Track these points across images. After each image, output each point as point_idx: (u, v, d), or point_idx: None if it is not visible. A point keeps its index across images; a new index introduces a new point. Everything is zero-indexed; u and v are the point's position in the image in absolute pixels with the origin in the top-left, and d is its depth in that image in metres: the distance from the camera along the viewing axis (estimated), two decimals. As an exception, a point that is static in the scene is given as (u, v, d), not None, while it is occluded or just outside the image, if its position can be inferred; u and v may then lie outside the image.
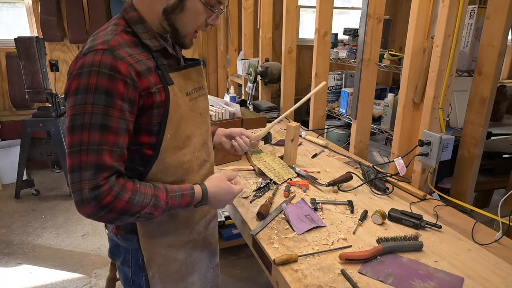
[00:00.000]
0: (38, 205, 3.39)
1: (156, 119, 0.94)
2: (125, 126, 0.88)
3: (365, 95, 2.03)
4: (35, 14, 3.82)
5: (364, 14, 1.90)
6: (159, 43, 0.96)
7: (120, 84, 0.84)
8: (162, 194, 0.93)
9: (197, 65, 1.08)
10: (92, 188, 0.83)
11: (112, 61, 0.84)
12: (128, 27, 0.93)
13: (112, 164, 0.85)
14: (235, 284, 2.40)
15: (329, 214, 1.34)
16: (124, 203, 0.86)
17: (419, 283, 0.99)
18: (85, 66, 0.83)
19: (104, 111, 0.83)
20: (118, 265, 1.13)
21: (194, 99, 1.05)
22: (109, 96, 0.83)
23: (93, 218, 0.87)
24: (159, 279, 1.08)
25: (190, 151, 1.03)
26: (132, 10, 0.95)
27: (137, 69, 0.88)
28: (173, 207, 0.96)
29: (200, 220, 1.14)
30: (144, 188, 0.91)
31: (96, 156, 0.83)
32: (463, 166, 1.75)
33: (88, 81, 0.82)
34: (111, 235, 1.10)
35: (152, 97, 0.91)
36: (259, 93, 3.20)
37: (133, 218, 0.90)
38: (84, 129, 0.83)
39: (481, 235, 1.24)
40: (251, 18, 3.59)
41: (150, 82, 0.90)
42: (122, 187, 0.87)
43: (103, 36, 0.88)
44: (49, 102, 3.40)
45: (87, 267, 2.52)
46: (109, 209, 0.85)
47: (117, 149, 0.87)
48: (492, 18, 1.58)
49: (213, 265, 1.25)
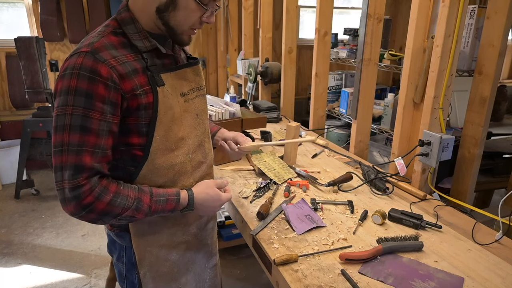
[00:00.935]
0: (38, 205, 3.38)
1: (145, 120, 0.94)
2: (107, 128, 0.88)
3: (365, 95, 2.03)
4: (35, 14, 3.81)
5: (364, 14, 1.90)
6: (150, 43, 0.95)
7: (100, 86, 0.85)
8: (146, 198, 0.94)
9: (193, 64, 1.06)
10: (72, 188, 0.84)
11: (92, 64, 0.85)
12: (119, 28, 0.94)
13: (92, 165, 0.86)
14: (235, 284, 2.40)
15: (329, 214, 1.34)
16: (105, 205, 0.87)
17: (419, 283, 0.99)
18: (68, 68, 0.85)
19: (84, 112, 0.84)
20: (114, 261, 1.15)
21: (190, 100, 1.04)
22: (89, 98, 0.84)
23: (75, 217, 0.88)
24: (151, 278, 1.08)
25: (183, 152, 1.03)
26: (125, 10, 0.95)
27: (120, 71, 0.88)
28: (156, 211, 0.96)
29: (194, 221, 1.13)
30: (127, 191, 0.92)
31: (75, 157, 0.85)
32: (463, 166, 1.75)
33: (69, 83, 0.84)
34: (108, 231, 1.11)
35: (137, 99, 0.91)
36: (259, 93, 3.19)
37: (115, 219, 0.91)
38: (65, 130, 0.85)
39: (481, 235, 1.24)
40: (251, 18, 3.59)
41: (135, 84, 0.90)
42: (104, 188, 0.88)
43: (90, 39, 0.90)
44: (49, 102, 3.40)
45: (87, 267, 2.52)
46: (90, 209, 0.86)
47: (98, 150, 0.87)
48: (492, 18, 1.57)
49: (210, 265, 1.24)
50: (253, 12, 3.55)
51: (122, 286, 1.15)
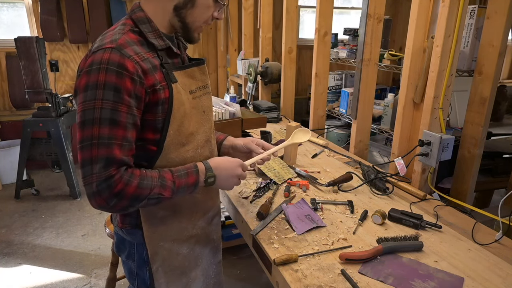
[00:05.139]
0: (38, 205, 3.38)
1: (161, 116, 0.97)
2: (133, 121, 0.91)
3: (365, 95, 2.03)
4: (35, 14, 3.81)
5: (364, 14, 1.90)
6: (164, 42, 0.99)
7: (127, 80, 0.88)
8: (167, 174, 0.96)
9: (201, 64, 1.10)
10: (104, 179, 0.87)
11: (119, 59, 0.87)
12: (135, 27, 0.97)
13: (121, 158, 0.89)
14: (235, 284, 2.40)
15: (329, 214, 1.34)
16: (134, 188, 0.90)
17: (419, 283, 0.99)
18: (94, 64, 0.87)
19: (113, 106, 0.87)
20: (123, 260, 1.16)
21: (197, 97, 1.07)
22: (118, 92, 0.87)
23: (106, 208, 0.90)
24: (163, 273, 1.10)
25: (193, 147, 1.06)
26: (139, 10, 0.99)
27: (143, 67, 0.91)
28: (180, 186, 0.97)
29: (203, 215, 1.16)
30: (150, 173, 0.95)
31: (106, 150, 0.87)
32: (463, 166, 1.75)
33: (97, 78, 0.86)
34: (117, 229, 1.13)
35: (157, 94, 0.94)
36: (259, 93, 3.20)
37: (144, 201, 0.93)
38: (95, 123, 0.86)
39: (481, 235, 1.24)
40: (251, 18, 3.59)
41: (155, 80, 0.94)
42: (131, 174, 0.91)
43: (112, 35, 0.93)
44: (49, 102, 3.40)
45: (87, 267, 2.52)
46: (121, 196, 0.89)
47: (126, 143, 0.90)
48: (492, 18, 1.57)
49: (215, 261, 1.26)
50: (253, 12, 3.55)
51: (132, 283, 1.16)
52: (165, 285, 1.11)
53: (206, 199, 1.16)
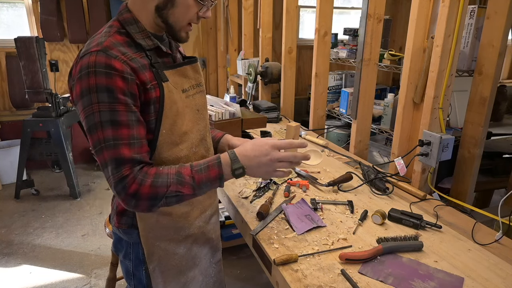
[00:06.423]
0: (38, 205, 3.38)
1: (153, 115, 0.96)
2: (135, 118, 0.91)
3: (365, 95, 2.03)
4: (35, 14, 3.81)
5: (364, 14, 1.90)
6: (152, 42, 0.99)
7: (118, 79, 0.87)
8: (186, 170, 0.94)
9: (193, 62, 1.10)
10: (118, 180, 0.88)
11: (106, 60, 0.87)
12: (122, 28, 0.97)
13: (132, 157, 0.89)
14: (235, 284, 2.40)
15: (329, 214, 1.34)
16: (148, 188, 0.90)
17: (419, 283, 0.99)
18: (83, 69, 0.88)
19: (110, 107, 0.87)
20: (121, 259, 1.16)
21: (191, 96, 1.07)
22: (111, 93, 0.87)
23: (131, 209, 0.93)
24: (160, 272, 1.10)
25: (187, 146, 1.05)
26: (126, 11, 0.99)
27: (132, 65, 0.91)
28: (201, 181, 0.94)
29: (200, 215, 1.15)
30: (167, 170, 0.94)
31: (113, 151, 0.88)
32: (463, 166, 1.75)
33: (88, 83, 0.86)
34: (114, 229, 1.13)
35: (148, 93, 0.94)
36: (259, 93, 3.19)
37: (163, 200, 0.92)
38: (98, 128, 0.88)
39: (481, 235, 1.24)
40: (251, 18, 3.59)
41: (146, 78, 0.94)
42: (145, 173, 0.91)
43: (98, 39, 0.93)
44: (49, 102, 3.40)
45: (87, 267, 2.52)
46: (137, 197, 0.89)
47: (134, 141, 0.90)
48: (492, 18, 1.57)
49: (215, 260, 1.26)
50: (253, 12, 3.55)
51: (129, 283, 1.16)
52: (163, 285, 1.11)
53: (203, 198, 1.14)
